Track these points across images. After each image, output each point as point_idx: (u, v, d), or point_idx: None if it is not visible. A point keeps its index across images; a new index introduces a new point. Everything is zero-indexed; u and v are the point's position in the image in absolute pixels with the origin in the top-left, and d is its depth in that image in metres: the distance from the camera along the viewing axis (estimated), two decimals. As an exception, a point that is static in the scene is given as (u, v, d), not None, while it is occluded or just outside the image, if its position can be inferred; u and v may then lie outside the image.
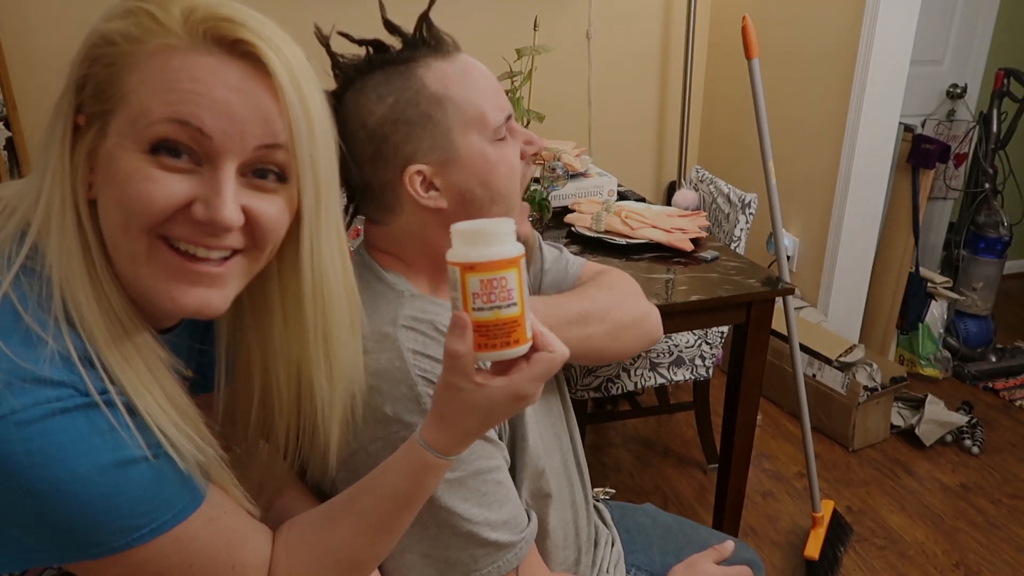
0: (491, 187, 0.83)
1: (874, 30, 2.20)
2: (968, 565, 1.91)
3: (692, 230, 1.74)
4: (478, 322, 0.60)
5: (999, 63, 2.86)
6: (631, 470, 2.27)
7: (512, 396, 0.62)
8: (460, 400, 0.62)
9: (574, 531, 0.99)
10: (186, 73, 0.56)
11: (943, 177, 2.83)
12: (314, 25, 0.87)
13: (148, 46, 0.57)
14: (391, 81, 0.81)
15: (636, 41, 2.85)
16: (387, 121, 0.80)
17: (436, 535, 0.77)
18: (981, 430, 2.40)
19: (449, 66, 0.81)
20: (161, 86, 0.56)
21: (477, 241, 0.59)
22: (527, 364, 0.62)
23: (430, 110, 0.80)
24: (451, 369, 0.61)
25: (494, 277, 0.59)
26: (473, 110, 0.81)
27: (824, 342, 2.37)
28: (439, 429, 0.65)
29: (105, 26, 0.58)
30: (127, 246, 0.58)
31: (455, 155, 0.81)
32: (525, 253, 0.61)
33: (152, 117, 0.56)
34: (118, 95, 0.57)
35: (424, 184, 0.82)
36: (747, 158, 2.78)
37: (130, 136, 0.57)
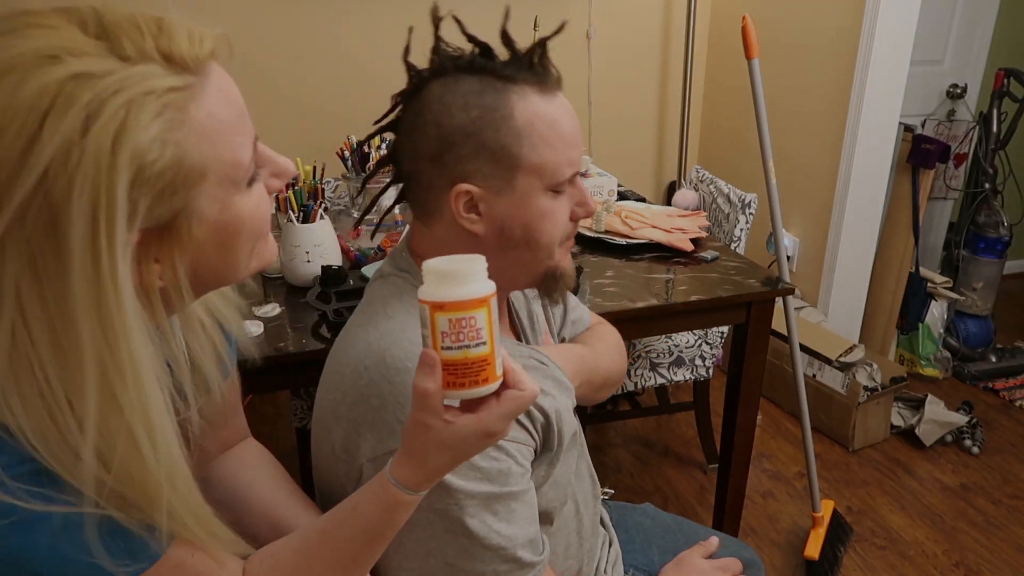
0: (531, 233, 0.82)
1: (874, 30, 2.20)
2: (968, 565, 1.91)
3: (692, 230, 1.74)
4: (447, 361, 0.60)
5: (999, 63, 2.86)
6: (631, 470, 2.27)
7: (481, 433, 0.63)
8: (429, 438, 0.62)
9: (577, 540, 0.99)
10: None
11: (943, 177, 2.83)
12: (435, 3, 0.87)
13: (190, 113, 0.56)
14: (484, 94, 0.79)
15: (636, 41, 2.86)
16: (462, 132, 0.79)
17: (466, 546, 0.77)
18: (981, 430, 2.40)
19: (544, 105, 0.80)
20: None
21: (447, 280, 0.59)
22: (497, 402, 0.62)
23: (507, 141, 0.78)
24: (420, 407, 0.61)
25: (463, 316, 0.59)
26: (546, 159, 0.80)
27: (824, 342, 2.37)
28: (409, 466, 0.65)
29: (140, 141, 0.53)
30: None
31: (510, 191, 0.80)
32: (496, 292, 0.61)
33: (246, 165, 0.60)
34: (196, 174, 0.56)
35: (468, 205, 0.81)
36: (747, 158, 2.78)
37: (232, 184, 0.59)
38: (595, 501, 1.06)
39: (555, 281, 0.88)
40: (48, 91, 0.50)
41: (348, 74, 2.55)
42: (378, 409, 0.76)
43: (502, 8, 0.85)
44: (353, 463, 0.78)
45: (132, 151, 0.52)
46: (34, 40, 0.51)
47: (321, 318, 1.35)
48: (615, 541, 1.14)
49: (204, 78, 0.57)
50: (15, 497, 0.53)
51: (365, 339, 0.81)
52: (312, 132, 2.50)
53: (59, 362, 0.54)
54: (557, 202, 0.83)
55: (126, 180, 0.52)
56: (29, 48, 0.51)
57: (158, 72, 0.54)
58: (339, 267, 1.44)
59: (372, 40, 2.54)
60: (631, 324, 1.47)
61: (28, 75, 0.50)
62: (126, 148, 0.51)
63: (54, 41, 0.52)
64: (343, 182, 1.94)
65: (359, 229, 1.78)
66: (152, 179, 0.53)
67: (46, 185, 0.50)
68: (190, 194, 0.56)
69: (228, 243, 0.61)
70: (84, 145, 0.50)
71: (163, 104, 0.53)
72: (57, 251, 0.52)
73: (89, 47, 0.52)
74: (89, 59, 0.52)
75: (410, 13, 2.55)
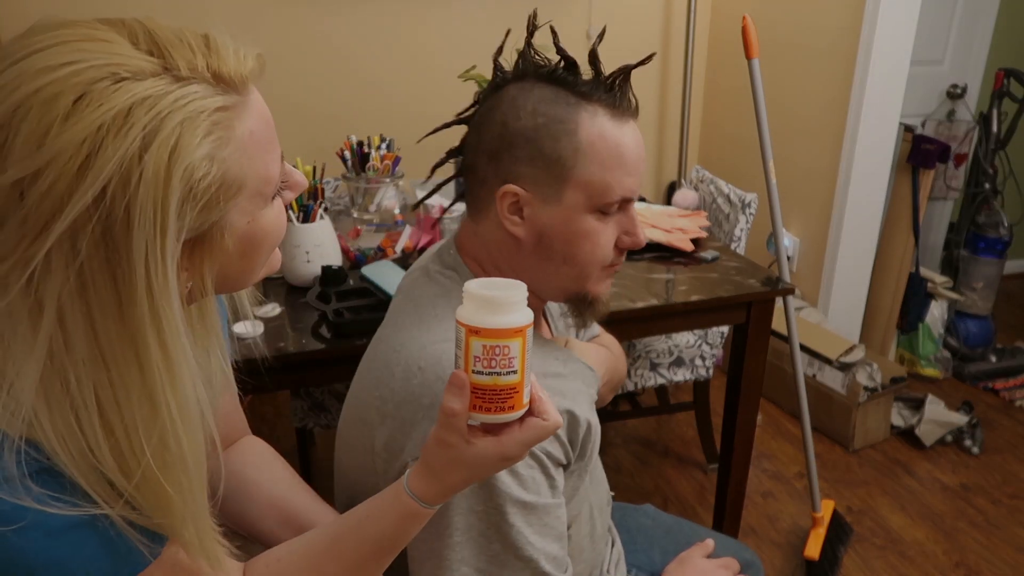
0: (571, 249, 0.82)
1: (874, 30, 2.20)
2: (968, 565, 1.91)
3: (692, 230, 1.74)
4: (476, 384, 0.61)
5: (999, 63, 2.86)
6: (631, 470, 2.27)
7: (500, 457, 0.65)
8: (450, 456, 0.64)
9: (590, 545, 1.00)
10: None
11: (943, 177, 2.82)
12: (535, 10, 0.89)
13: (235, 131, 0.58)
14: (555, 104, 0.80)
15: (636, 41, 2.86)
16: (524, 135, 0.80)
17: (499, 552, 0.77)
18: (981, 430, 2.40)
19: (612, 129, 0.80)
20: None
21: (486, 306, 0.60)
22: (519, 428, 0.64)
23: (565, 153, 0.79)
24: (445, 425, 0.63)
25: (497, 344, 0.60)
26: (597, 178, 0.80)
27: (824, 342, 2.37)
28: (427, 480, 0.67)
29: (192, 160, 0.55)
30: None
31: (556, 202, 0.81)
32: (533, 322, 0.62)
33: (275, 180, 0.63)
34: (234, 189, 0.58)
35: (513, 206, 0.82)
36: (747, 158, 2.78)
37: (262, 198, 0.62)
38: (608, 507, 1.07)
39: (586, 306, 0.87)
40: (111, 112, 0.51)
41: (348, 74, 2.55)
42: (428, 408, 0.77)
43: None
44: (395, 461, 0.79)
45: (185, 169, 0.54)
46: (91, 55, 0.52)
47: (321, 318, 1.35)
48: (617, 541, 1.14)
49: (247, 96, 0.59)
50: (23, 498, 0.53)
51: (420, 340, 0.81)
52: (312, 132, 2.50)
53: (100, 376, 0.55)
54: (603, 225, 0.82)
55: (178, 197, 0.54)
56: (89, 64, 0.52)
57: (208, 92, 0.56)
58: (339, 267, 1.44)
59: (373, 41, 2.54)
60: (631, 324, 1.47)
61: (91, 94, 0.51)
62: (180, 166, 0.53)
63: (114, 59, 0.53)
64: (343, 182, 1.94)
65: (359, 229, 1.78)
66: (199, 194, 0.55)
67: (104, 203, 0.51)
68: (227, 207, 0.58)
69: (251, 253, 0.64)
70: (143, 165, 0.52)
71: (213, 123, 0.55)
72: (109, 266, 0.53)
73: (146, 65, 0.54)
74: (148, 81, 0.53)
75: (411, 13, 2.55)
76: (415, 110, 2.64)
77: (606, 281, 0.88)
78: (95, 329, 0.54)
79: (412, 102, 2.64)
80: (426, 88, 2.64)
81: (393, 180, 1.86)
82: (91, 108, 0.51)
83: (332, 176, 2.12)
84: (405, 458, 0.77)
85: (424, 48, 2.60)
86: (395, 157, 1.87)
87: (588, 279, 0.85)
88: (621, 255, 0.87)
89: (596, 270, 0.85)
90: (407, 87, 2.63)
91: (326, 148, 2.12)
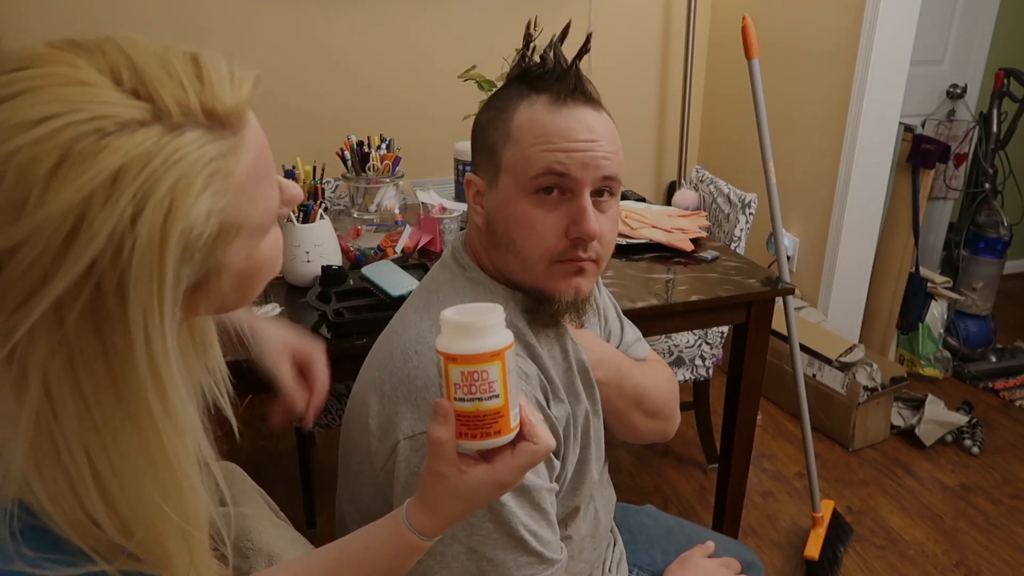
0: (509, 235, 0.83)
1: (874, 30, 2.20)
2: (968, 565, 1.91)
3: (692, 230, 1.74)
4: (460, 412, 0.61)
5: (999, 63, 2.86)
6: (631, 470, 2.27)
7: (495, 484, 0.63)
8: (444, 486, 0.63)
9: (592, 544, 1.00)
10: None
11: (943, 177, 2.82)
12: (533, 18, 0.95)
13: (233, 175, 0.54)
14: (507, 98, 0.84)
15: (636, 41, 2.86)
16: (478, 126, 0.87)
17: (491, 531, 0.78)
18: (981, 430, 2.40)
19: (544, 114, 0.80)
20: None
21: (461, 332, 0.60)
22: (511, 454, 0.63)
23: (498, 139, 0.83)
24: (434, 455, 0.62)
25: (475, 370, 0.59)
26: (519, 157, 0.81)
27: (824, 342, 2.37)
28: (425, 513, 0.66)
29: (189, 221, 0.50)
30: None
31: (496, 188, 0.84)
32: (512, 343, 0.61)
33: (275, 209, 0.61)
34: (232, 233, 0.55)
35: (476, 196, 0.87)
36: (747, 158, 2.78)
37: (261, 233, 0.59)
38: (612, 508, 1.07)
39: (547, 305, 0.84)
40: (97, 178, 0.46)
41: (349, 74, 2.55)
42: (422, 390, 0.78)
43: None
44: (387, 440, 0.80)
45: (182, 232, 0.49)
46: (71, 105, 0.47)
47: (321, 318, 1.35)
48: (619, 541, 1.14)
49: (243, 130, 0.54)
50: (17, 563, 0.51)
51: (419, 324, 0.84)
52: (312, 132, 2.50)
53: (94, 442, 0.51)
54: (541, 212, 0.81)
55: (175, 260, 0.50)
56: (69, 120, 0.46)
57: (203, 139, 0.51)
58: (339, 267, 1.44)
59: (373, 41, 2.54)
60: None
61: (73, 156, 0.46)
62: (176, 229, 0.49)
63: (97, 109, 0.47)
64: (343, 182, 1.94)
65: (359, 229, 1.78)
66: (197, 250, 0.52)
67: (94, 275, 0.47)
68: (224, 251, 0.55)
69: (248, 284, 0.61)
70: (136, 233, 0.47)
71: (209, 175, 0.51)
72: (100, 338, 0.49)
73: (134, 113, 0.48)
74: (139, 134, 0.48)
75: (411, 13, 2.55)
76: (415, 110, 2.64)
77: (568, 279, 0.83)
78: (87, 401, 0.50)
79: (412, 102, 2.64)
80: (426, 88, 2.64)
81: (393, 180, 1.86)
82: (75, 173, 0.45)
83: (332, 176, 2.11)
84: (397, 436, 0.78)
85: (424, 48, 2.60)
86: (395, 157, 1.87)
87: (535, 271, 0.83)
88: (575, 248, 0.82)
89: (542, 261, 0.82)
90: (407, 87, 2.63)
91: (326, 148, 2.12)
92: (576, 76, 0.82)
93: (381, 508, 0.83)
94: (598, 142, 0.80)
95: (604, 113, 0.84)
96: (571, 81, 0.81)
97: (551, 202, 0.81)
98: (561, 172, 0.79)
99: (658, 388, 1.06)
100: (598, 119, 0.82)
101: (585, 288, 0.84)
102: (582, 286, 0.84)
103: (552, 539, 0.82)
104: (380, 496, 0.83)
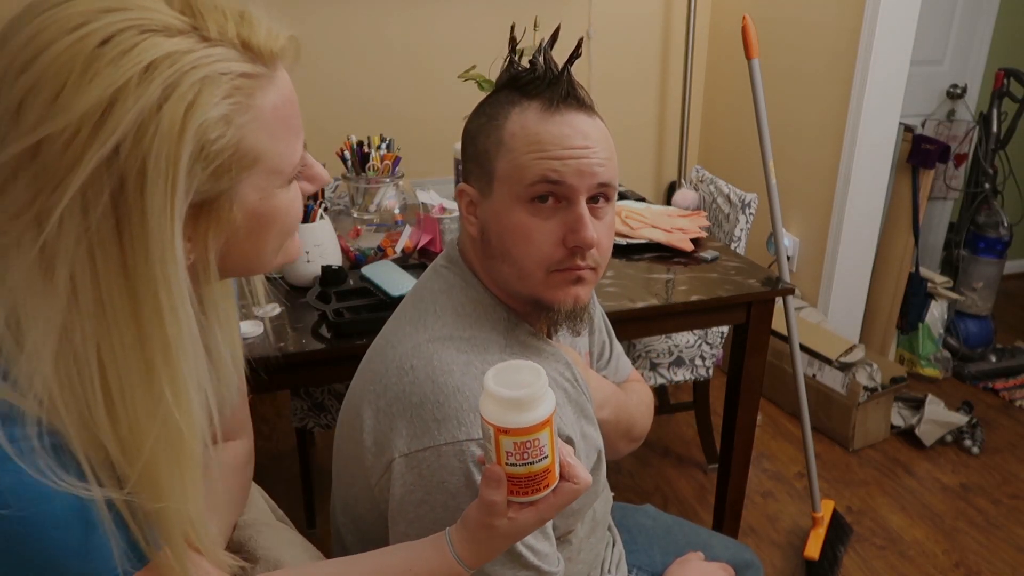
0: (505, 245, 0.81)
1: (874, 30, 2.20)
2: (968, 565, 1.91)
3: (692, 230, 1.74)
4: (512, 475, 0.65)
5: (999, 63, 2.86)
6: (631, 470, 2.27)
7: (538, 522, 0.70)
8: (495, 534, 0.69)
9: (589, 545, 1.00)
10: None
11: (943, 177, 2.82)
12: (512, 23, 0.93)
13: (256, 101, 0.58)
14: (497, 104, 0.82)
15: (636, 41, 2.86)
16: (471, 135, 0.84)
17: None
18: (981, 430, 2.40)
19: (536, 121, 0.79)
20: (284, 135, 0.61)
21: (512, 407, 0.62)
22: (553, 495, 0.68)
23: (490, 147, 0.81)
24: (488, 514, 0.67)
25: (528, 440, 0.63)
26: (512, 166, 0.79)
27: (824, 342, 2.37)
28: (472, 550, 0.71)
29: (207, 119, 0.54)
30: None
31: (490, 197, 0.82)
32: (556, 404, 0.65)
33: (294, 163, 0.62)
34: (248, 159, 0.58)
35: (470, 206, 0.85)
36: (747, 158, 2.78)
37: (277, 177, 0.61)
38: (608, 508, 1.07)
39: (548, 313, 0.83)
40: (135, 66, 0.51)
41: (349, 74, 2.55)
42: (417, 407, 0.77)
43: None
44: (382, 457, 0.79)
45: (200, 126, 0.53)
46: (124, 4, 0.53)
47: (321, 318, 1.35)
48: (618, 541, 1.14)
49: (274, 72, 0.59)
50: (30, 465, 0.53)
51: (415, 338, 0.82)
52: (312, 132, 2.49)
53: (102, 332, 0.54)
54: (538, 220, 0.79)
55: (190, 152, 0.53)
56: (120, 17, 0.52)
57: (234, 56, 0.56)
58: (339, 267, 1.44)
59: (373, 40, 2.54)
60: (631, 324, 1.47)
61: (116, 42, 0.51)
62: (195, 122, 0.53)
63: (145, 13, 0.53)
64: (343, 182, 1.94)
65: (359, 229, 1.78)
66: (210, 156, 0.55)
67: (119, 156, 0.51)
68: (238, 177, 0.58)
69: (260, 233, 0.63)
70: (159, 118, 0.52)
71: (233, 87, 0.55)
72: (118, 220, 0.53)
73: (175, 23, 0.54)
74: (177, 38, 0.53)
75: (411, 12, 2.55)
76: (415, 110, 2.64)
77: (566, 288, 0.82)
78: (102, 297, 0.53)
79: (412, 102, 2.64)
80: (426, 88, 2.64)
81: (393, 180, 1.86)
82: (113, 60, 0.51)
83: (332, 176, 2.12)
84: (393, 454, 0.78)
85: (424, 48, 2.60)
86: (395, 157, 1.87)
87: (532, 280, 0.81)
88: (573, 256, 0.80)
89: (539, 271, 0.81)
90: (407, 87, 2.63)
91: (326, 148, 2.12)
92: (568, 81, 0.80)
93: (377, 521, 0.84)
94: (593, 148, 0.79)
95: (597, 118, 0.82)
96: (563, 86, 0.79)
97: (547, 210, 0.79)
98: (556, 180, 0.78)
99: (643, 416, 1.11)
100: (592, 125, 0.81)
101: (584, 297, 0.83)
102: (581, 295, 0.83)
103: (549, 551, 0.82)
104: (375, 509, 0.83)
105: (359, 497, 0.85)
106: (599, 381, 1.01)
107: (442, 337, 0.81)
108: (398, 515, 0.78)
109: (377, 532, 0.84)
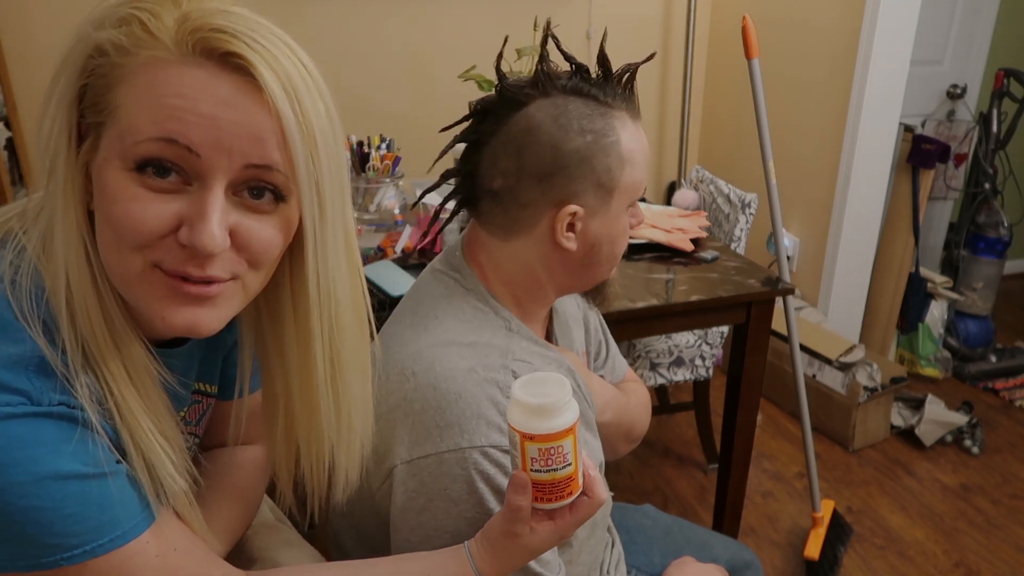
0: (615, 248, 0.88)
1: (874, 30, 2.20)
2: (968, 565, 1.91)
3: (692, 230, 1.74)
4: (536, 481, 0.67)
5: (999, 63, 2.86)
6: (631, 470, 2.27)
7: (557, 537, 0.72)
8: (517, 544, 0.70)
9: (589, 547, 1.00)
10: (173, 88, 0.53)
11: (943, 177, 2.82)
12: (548, 20, 0.91)
13: (138, 58, 0.54)
14: (593, 119, 0.81)
15: (636, 41, 2.85)
16: (578, 155, 0.80)
17: None
18: (981, 430, 2.40)
19: (636, 133, 0.84)
20: (148, 102, 0.53)
21: (537, 413, 0.65)
22: (571, 511, 0.71)
23: (613, 165, 0.82)
24: (512, 520, 0.69)
25: (552, 446, 0.66)
26: (635, 179, 0.85)
27: (824, 342, 2.37)
28: (493, 563, 0.72)
29: (97, 35, 0.55)
30: (119, 264, 0.56)
31: (605, 211, 0.84)
32: (579, 412, 0.67)
33: (139, 135, 0.53)
34: (109, 108, 0.55)
35: (570, 226, 0.84)
36: (747, 158, 2.78)
37: (118, 153, 0.54)
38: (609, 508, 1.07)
39: (606, 287, 0.96)
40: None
41: (348, 74, 2.55)
42: (419, 413, 0.77)
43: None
44: (383, 464, 0.79)
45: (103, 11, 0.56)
46: None
47: (321, 318, 1.35)
48: (617, 542, 1.14)
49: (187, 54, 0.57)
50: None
51: (415, 344, 0.81)
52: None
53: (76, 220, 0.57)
54: (628, 219, 0.88)
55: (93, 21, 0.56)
56: None
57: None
58: (339, 267, 1.44)
59: (373, 40, 2.54)
60: (631, 324, 1.47)
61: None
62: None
63: None
64: (343, 182, 1.94)
65: (359, 228, 1.78)
66: (104, 39, 0.55)
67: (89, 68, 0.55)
68: (118, 96, 0.55)
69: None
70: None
71: (129, 18, 0.55)
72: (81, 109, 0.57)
73: None
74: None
75: (411, 12, 2.55)
76: (415, 110, 2.64)
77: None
78: (75, 188, 0.57)
79: (412, 102, 2.64)
80: (426, 88, 2.64)
81: (393, 180, 1.86)
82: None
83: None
84: (394, 461, 0.78)
85: (424, 48, 2.60)
86: (395, 157, 1.87)
87: (613, 271, 0.92)
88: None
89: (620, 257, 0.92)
90: (407, 87, 2.63)
91: (326, 148, 2.12)
92: (635, 88, 0.87)
93: (377, 525, 0.83)
94: None
95: None
96: (636, 94, 0.86)
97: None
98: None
99: (641, 417, 1.12)
100: None
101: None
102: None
103: (552, 559, 0.82)
104: (375, 514, 0.83)
105: (358, 502, 0.85)
106: (601, 385, 1.01)
107: (443, 343, 0.80)
108: (400, 522, 0.78)
109: (377, 536, 0.84)
